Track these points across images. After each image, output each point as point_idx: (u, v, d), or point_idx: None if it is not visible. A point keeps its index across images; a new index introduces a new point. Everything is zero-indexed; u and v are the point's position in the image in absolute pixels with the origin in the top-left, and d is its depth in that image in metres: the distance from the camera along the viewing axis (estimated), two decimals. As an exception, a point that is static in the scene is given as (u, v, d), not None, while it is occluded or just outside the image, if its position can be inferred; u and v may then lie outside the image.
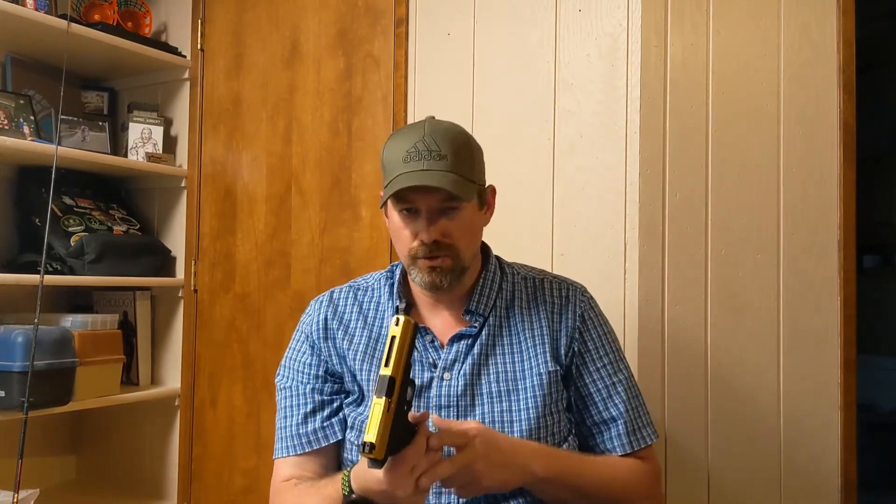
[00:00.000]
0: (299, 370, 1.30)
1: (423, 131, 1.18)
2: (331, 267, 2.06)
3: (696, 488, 1.66)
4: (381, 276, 1.35)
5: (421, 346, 1.24)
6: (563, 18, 1.73)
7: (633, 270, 1.62)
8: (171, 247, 2.34)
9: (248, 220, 2.21)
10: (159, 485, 2.32)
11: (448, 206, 1.19)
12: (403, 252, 1.22)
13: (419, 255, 1.20)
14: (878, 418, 3.46)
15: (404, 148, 1.17)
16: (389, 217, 1.25)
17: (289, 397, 1.29)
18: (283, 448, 1.27)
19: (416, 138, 1.18)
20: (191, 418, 2.27)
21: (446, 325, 1.27)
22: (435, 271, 1.20)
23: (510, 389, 1.22)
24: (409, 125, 1.26)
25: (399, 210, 1.20)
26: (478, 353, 1.23)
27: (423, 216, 1.18)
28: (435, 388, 1.22)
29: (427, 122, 1.21)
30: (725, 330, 1.68)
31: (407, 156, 1.16)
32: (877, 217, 3.69)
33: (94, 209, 2.27)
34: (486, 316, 1.26)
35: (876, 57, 3.43)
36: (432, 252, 1.19)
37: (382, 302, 1.31)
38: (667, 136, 1.65)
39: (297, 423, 1.27)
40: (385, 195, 1.19)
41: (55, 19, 2.04)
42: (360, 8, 2.04)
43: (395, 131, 1.27)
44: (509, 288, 1.30)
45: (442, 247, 1.19)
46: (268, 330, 2.16)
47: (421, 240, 1.19)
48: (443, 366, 1.23)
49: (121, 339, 2.13)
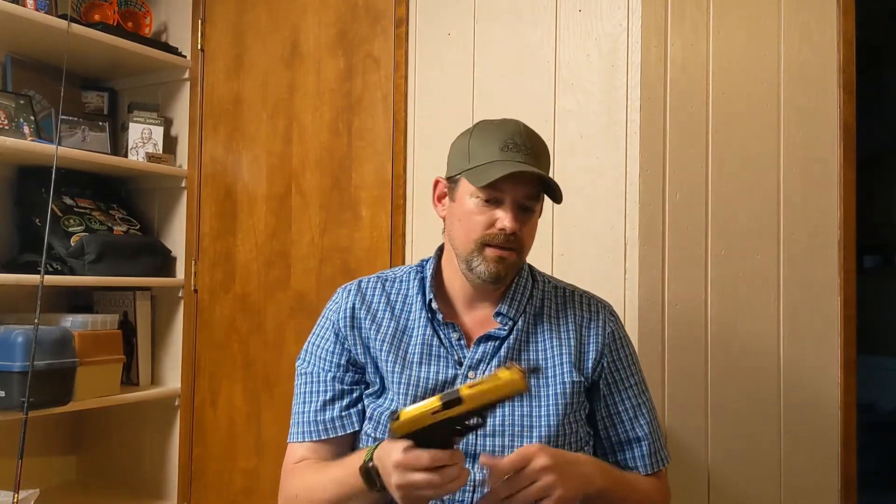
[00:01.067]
0: (322, 357, 1.29)
1: (518, 128, 1.22)
2: (331, 267, 2.06)
3: (696, 488, 1.66)
4: (410, 269, 1.35)
5: (447, 342, 1.25)
6: (564, 18, 1.73)
7: (633, 270, 1.62)
8: (171, 247, 2.34)
9: (249, 220, 2.21)
10: (159, 485, 2.32)
11: (529, 205, 1.21)
12: (472, 238, 1.21)
13: (495, 242, 1.20)
14: (878, 418, 3.46)
15: (501, 138, 1.19)
16: (457, 201, 1.24)
17: (309, 383, 1.29)
18: (300, 433, 1.27)
19: (513, 131, 1.21)
20: (191, 418, 2.27)
21: (475, 325, 1.27)
22: (502, 262, 1.21)
23: (532, 395, 1.22)
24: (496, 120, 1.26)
25: (481, 197, 1.20)
26: (504, 355, 1.24)
27: (507, 206, 1.20)
28: (459, 385, 1.22)
29: (517, 122, 1.24)
30: (725, 330, 1.68)
31: (505, 145, 1.19)
32: (877, 217, 3.69)
33: (95, 209, 2.27)
34: (515, 320, 1.27)
35: (876, 57, 3.43)
36: (507, 242, 1.20)
37: (411, 295, 1.30)
38: (667, 135, 1.65)
39: (315, 409, 1.26)
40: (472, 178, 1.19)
41: (55, 19, 2.04)
42: (361, 8, 2.04)
43: (482, 122, 1.27)
44: (539, 296, 1.31)
45: (515, 240, 1.21)
46: (268, 330, 2.16)
47: (502, 227, 1.19)
48: (468, 364, 1.23)
49: (121, 339, 2.13)
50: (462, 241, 1.23)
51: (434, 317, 1.26)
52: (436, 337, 1.25)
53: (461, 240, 1.23)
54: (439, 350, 1.24)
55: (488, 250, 1.20)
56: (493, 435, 1.19)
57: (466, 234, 1.22)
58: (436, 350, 1.24)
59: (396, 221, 1.95)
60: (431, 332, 1.26)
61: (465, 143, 1.24)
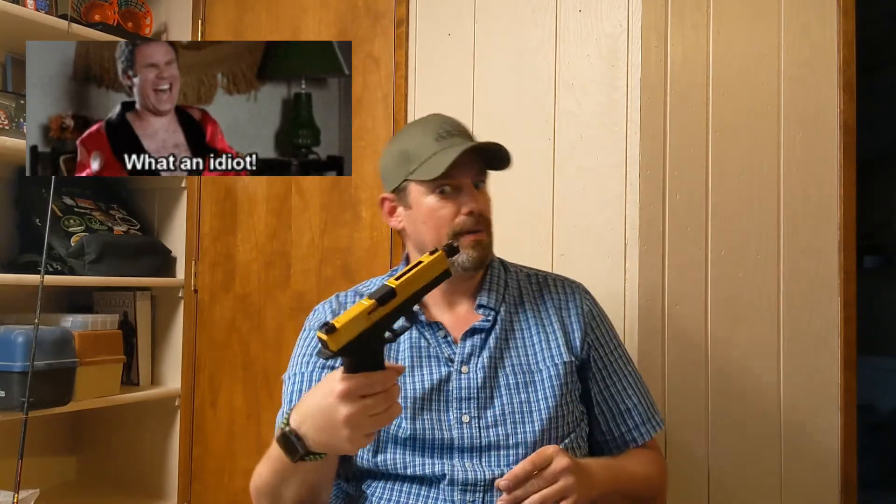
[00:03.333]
0: (308, 362, 1.26)
1: (441, 119, 1.24)
2: (331, 267, 2.06)
3: (696, 488, 1.66)
4: (384, 279, 1.34)
5: (434, 342, 1.25)
6: (564, 19, 1.73)
7: (633, 270, 1.62)
8: (171, 247, 2.34)
9: (249, 220, 2.21)
10: (159, 485, 2.32)
11: (480, 180, 1.24)
12: (443, 233, 1.21)
13: (466, 228, 1.21)
14: (878, 418, 3.46)
15: (432, 130, 1.21)
16: (414, 206, 1.24)
17: (296, 383, 1.25)
18: None
19: (440, 122, 1.23)
20: (191, 418, 2.27)
21: (458, 321, 1.27)
22: (480, 245, 1.22)
23: (528, 381, 1.23)
24: (417, 120, 1.29)
25: (435, 191, 1.21)
26: (493, 346, 1.24)
27: (464, 190, 1.21)
28: (455, 381, 1.22)
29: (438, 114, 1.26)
30: (726, 330, 1.68)
31: (439, 136, 1.20)
32: (877, 217, 3.69)
33: (95, 209, 2.27)
34: (497, 310, 1.27)
35: (876, 57, 3.43)
36: (477, 224, 1.21)
37: None
38: (667, 136, 1.65)
39: None
40: (423, 174, 1.20)
41: (55, 19, 2.04)
42: (360, 8, 2.04)
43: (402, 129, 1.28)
44: (515, 284, 1.33)
45: (483, 220, 1.22)
46: (268, 330, 2.16)
47: (468, 211, 1.20)
48: (460, 360, 1.23)
49: (121, 339, 2.13)
50: (434, 240, 1.23)
51: (416, 319, 1.26)
52: (423, 339, 1.25)
53: (432, 239, 1.23)
54: (429, 351, 1.24)
55: (464, 238, 1.21)
56: (496, 425, 1.19)
57: (437, 231, 1.22)
58: (425, 351, 1.24)
59: (396, 221, 1.95)
60: (417, 334, 1.25)
61: (396, 151, 1.25)
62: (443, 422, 1.19)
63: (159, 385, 2.34)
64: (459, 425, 1.19)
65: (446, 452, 1.18)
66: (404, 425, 1.19)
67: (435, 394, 1.21)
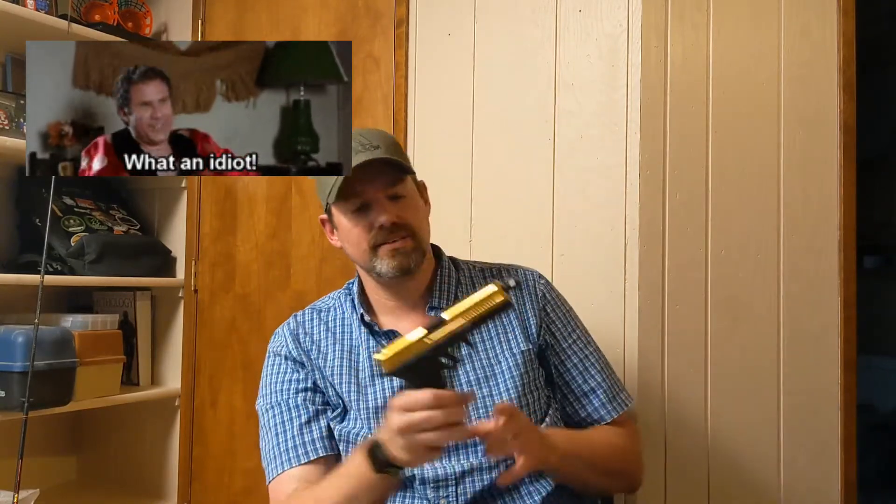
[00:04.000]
0: (283, 389, 1.26)
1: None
2: (331, 267, 2.06)
3: (697, 488, 1.66)
4: (339, 293, 1.36)
5: None
6: (564, 19, 1.73)
7: (633, 271, 1.62)
8: (171, 247, 2.34)
9: (249, 220, 2.21)
10: (159, 485, 2.32)
11: (395, 194, 1.22)
12: (362, 248, 1.22)
13: (379, 241, 1.21)
14: (878, 419, 3.46)
15: None
16: (338, 226, 1.26)
17: (279, 414, 1.23)
18: (286, 461, 1.20)
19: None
20: (191, 419, 2.27)
21: (412, 326, 1.26)
22: (400, 253, 1.21)
23: (488, 375, 1.23)
24: None
25: (349, 211, 1.22)
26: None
27: (374, 207, 1.21)
28: None
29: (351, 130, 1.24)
30: (725, 330, 1.68)
31: None
32: (877, 217, 3.69)
33: (95, 209, 2.27)
34: None
35: (876, 57, 3.43)
36: (393, 235, 1.20)
37: (347, 316, 1.31)
38: (667, 136, 1.65)
39: (293, 435, 1.21)
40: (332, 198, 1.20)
41: (55, 19, 2.04)
42: (360, 8, 2.04)
43: None
44: (467, 281, 1.33)
45: (400, 227, 1.21)
46: (268, 330, 2.14)
47: (380, 224, 1.20)
48: None
49: (121, 339, 2.13)
50: (359, 256, 1.24)
51: (372, 330, 1.27)
52: (379, 348, 1.25)
53: (358, 256, 1.24)
54: None
55: (382, 249, 1.21)
56: None
57: (357, 248, 1.23)
58: None
59: (396, 221, 1.95)
60: (375, 343, 1.26)
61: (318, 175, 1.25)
62: None
63: (159, 385, 2.34)
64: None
65: None
66: (364, 433, 1.20)
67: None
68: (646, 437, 1.53)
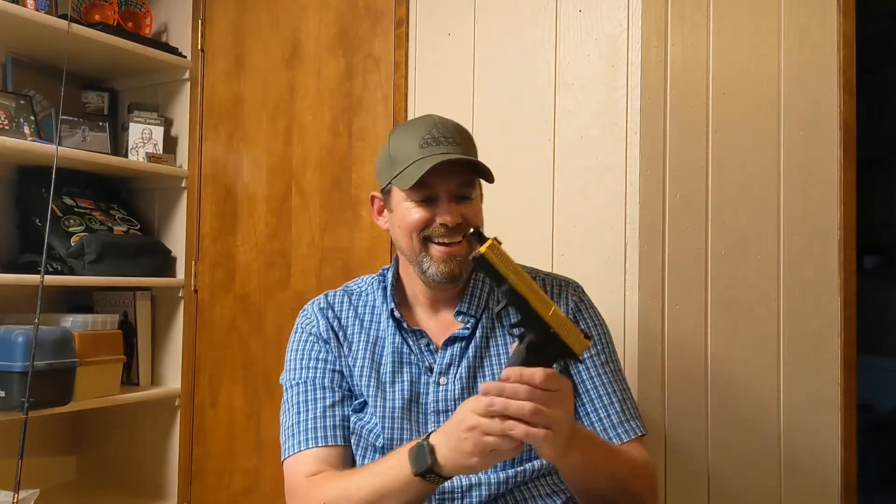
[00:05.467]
0: (312, 366, 1.24)
1: (432, 122, 1.20)
2: (331, 267, 2.06)
3: (696, 488, 1.66)
4: (373, 279, 1.33)
5: (416, 349, 1.24)
6: (564, 19, 1.73)
7: (633, 270, 1.62)
8: (171, 247, 2.34)
9: (249, 220, 2.21)
10: (159, 485, 2.32)
11: (464, 193, 1.19)
12: (414, 238, 1.19)
13: (437, 238, 1.17)
14: (878, 418, 3.45)
15: (418, 135, 1.17)
16: (395, 210, 1.22)
17: (304, 392, 1.22)
18: (305, 440, 1.17)
19: (428, 127, 1.18)
20: (191, 419, 2.27)
21: (441, 328, 1.25)
22: (454, 260, 1.18)
23: None
24: (411, 121, 1.26)
25: (413, 199, 1.18)
26: (473, 355, 1.22)
27: (442, 200, 1.17)
28: (432, 394, 1.21)
29: (431, 116, 1.22)
30: (725, 330, 1.68)
31: (424, 142, 1.16)
32: (877, 218, 3.69)
33: (95, 209, 2.27)
34: (477, 317, 1.24)
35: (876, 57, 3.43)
36: (451, 236, 1.17)
37: (377, 306, 1.29)
38: (667, 136, 1.65)
39: (317, 415, 1.19)
40: (400, 182, 1.17)
41: (55, 19, 2.04)
42: (361, 8, 2.04)
43: (396, 127, 1.25)
44: None
45: (461, 231, 1.18)
46: (268, 330, 2.16)
47: (443, 222, 1.17)
48: (438, 370, 1.22)
49: (121, 339, 2.13)
50: (407, 246, 1.21)
51: (400, 325, 1.25)
52: (405, 345, 1.24)
53: (406, 245, 1.21)
54: (410, 357, 1.23)
55: (433, 248, 1.18)
56: None
57: (409, 236, 1.20)
58: (406, 357, 1.23)
59: (396, 221, 1.95)
60: (401, 340, 1.24)
61: (386, 152, 1.23)
62: (421, 433, 1.17)
63: (159, 385, 2.34)
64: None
65: None
66: (377, 431, 1.19)
67: (413, 405, 1.20)
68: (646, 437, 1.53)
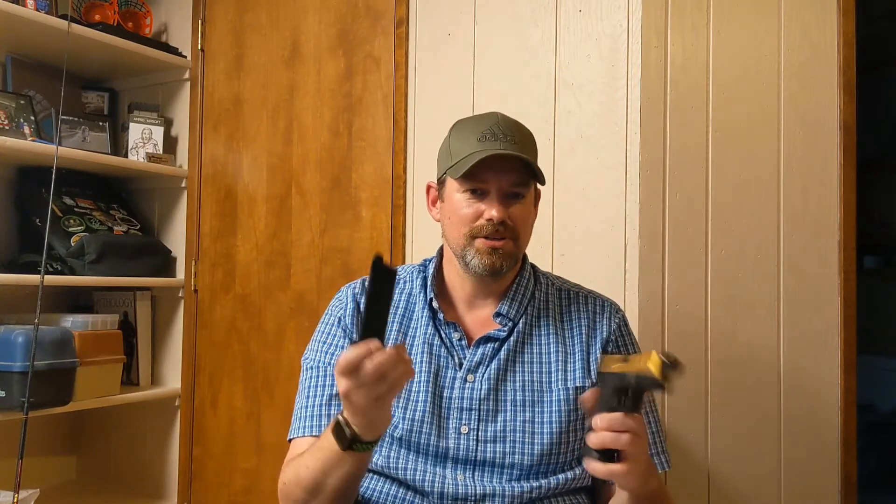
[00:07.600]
0: (329, 352, 1.26)
1: (496, 118, 1.22)
2: (331, 267, 2.06)
3: (696, 488, 1.66)
4: (413, 268, 1.34)
5: (448, 342, 1.24)
6: (564, 19, 1.73)
7: (633, 271, 1.62)
8: (171, 247, 2.34)
9: (249, 220, 2.21)
10: (159, 485, 2.32)
11: (515, 192, 1.20)
12: (462, 232, 1.20)
13: (483, 233, 1.19)
14: (878, 418, 3.46)
15: (479, 130, 1.19)
16: (447, 200, 1.24)
17: (315, 377, 1.24)
18: (303, 427, 1.21)
19: (490, 123, 1.20)
20: (191, 419, 2.27)
21: (477, 325, 1.26)
22: (496, 253, 1.19)
23: (535, 400, 1.20)
24: (474, 115, 1.28)
25: (465, 190, 1.20)
26: (504, 357, 1.22)
27: (492, 196, 1.19)
28: (458, 390, 1.20)
29: (495, 113, 1.24)
30: (726, 330, 1.68)
31: (482, 136, 1.18)
32: (877, 217, 3.69)
33: (95, 209, 2.27)
34: (516, 321, 1.24)
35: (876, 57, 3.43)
36: (498, 232, 1.18)
37: (414, 293, 1.29)
38: (667, 136, 1.65)
39: (320, 403, 1.22)
40: (453, 172, 1.18)
41: (55, 19, 2.04)
42: (361, 8, 2.04)
43: (459, 120, 1.27)
44: (542, 297, 1.29)
45: (507, 229, 1.19)
46: (268, 330, 2.16)
47: (490, 218, 1.18)
48: (467, 367, 1.21)
49: (121, 339, 2.13)
50: (454, 237, 1.22)
51: (435, 316, 1.25)
52: (437, 336, 1.24)
53: (453, 236, 1.22)
54: (440, 350, 1.23)
55: (479, 242, 1.19)
56: (495, 441, 1.17)
57: (457, 229, 1.21)
58: (437, 349, 1.23)
59: (396, 222, 1.95)
60: (433, 330, 1.24)
61: (446, 143, 1.25)
62: (441, 428, 1.18)
63: (159, 385, 2.34)
64: (457, 435, 1.18)
65: (440, 461, 1.17)
66: (395, 422, 1.18)
67: (437, 398, 1.20)
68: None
